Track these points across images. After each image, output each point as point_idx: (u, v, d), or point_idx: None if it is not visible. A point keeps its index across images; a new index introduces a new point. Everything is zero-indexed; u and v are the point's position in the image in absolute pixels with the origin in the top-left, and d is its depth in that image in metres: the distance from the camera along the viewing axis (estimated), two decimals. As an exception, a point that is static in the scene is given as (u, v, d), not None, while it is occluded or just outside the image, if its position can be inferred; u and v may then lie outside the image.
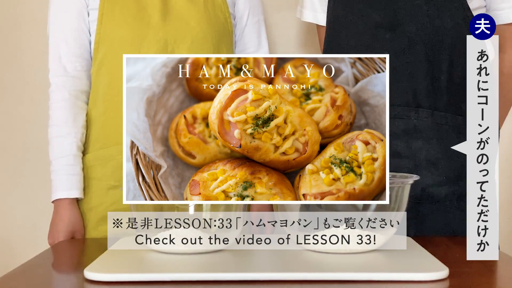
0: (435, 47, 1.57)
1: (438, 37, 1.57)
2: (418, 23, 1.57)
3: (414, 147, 1.56)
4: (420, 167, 1.55)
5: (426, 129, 1.56)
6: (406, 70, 1.57)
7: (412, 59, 1.57)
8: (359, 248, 1.21)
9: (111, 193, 1.61)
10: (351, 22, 1.62)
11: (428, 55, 1.57)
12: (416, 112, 1.57)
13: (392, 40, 1.57)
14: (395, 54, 1.56)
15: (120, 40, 1.60)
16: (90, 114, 1.65)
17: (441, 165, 1.56)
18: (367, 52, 1.58)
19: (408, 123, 1.57)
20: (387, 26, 1.58)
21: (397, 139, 1.56)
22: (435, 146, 1.56)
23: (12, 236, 2.13)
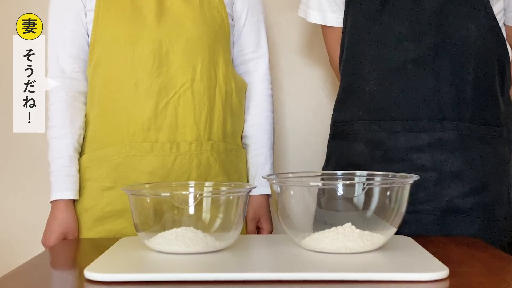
0: (460, 57, 1.54)
1: (463, 48, 1.54)
2: (443, 34, 1.54)
3: (439, 159, 1.53)
4: (445, 179, 1.53)
5: (450, 141, 1.54)
6: (431, 82, 1.54)
7: (436, 70, 1.54)
8: (359, 248, 1.21)
9: (106, 194, 1.61)
10: (372, 32, 1.59)
11: (453, 66, 1.54)
12: (441, 124, 1.54)
13: (416, 51, 1.54)
14: (419, 65, 1.54)
15: (115, 40, 1.60)
16: (87, 115, 1.65)
17: (465, 176, 1.53)
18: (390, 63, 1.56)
19: (433, 136, 1.54)
20: (410, 37, 1.55)
21: (422, 152, 1.54)
22: (459, 158, 1.54)
23: (12, 236, 2.13)
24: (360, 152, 1.59)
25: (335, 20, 1.69)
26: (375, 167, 1.54)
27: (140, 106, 1.59)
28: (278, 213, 1.29)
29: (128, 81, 1.59)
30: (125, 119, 1.60)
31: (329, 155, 1.70)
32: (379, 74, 1.57)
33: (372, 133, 1.58)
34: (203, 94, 1.62)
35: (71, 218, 1.60)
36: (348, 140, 1.63)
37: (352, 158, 1.61)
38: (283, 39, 2.11)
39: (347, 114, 1.64)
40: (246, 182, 1.72)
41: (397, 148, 1.55)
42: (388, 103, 1.56)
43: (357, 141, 1.60)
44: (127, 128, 1.60)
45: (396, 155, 1.55)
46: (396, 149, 1.55)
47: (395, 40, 1.56)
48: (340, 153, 1.66)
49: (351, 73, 1.63)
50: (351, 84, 1.63)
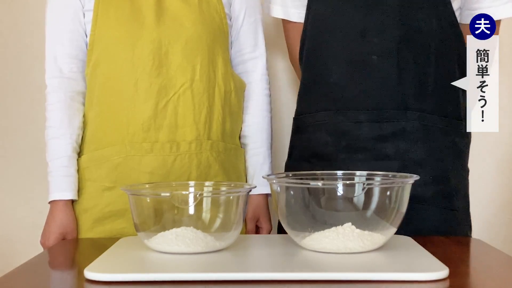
0: (422, 50, 1.59)
1: (425, 41, 1.59)
2: (406, 27, 1.58)
3: (402, 148, 1.58)
4: (407, 168, 1.56)
5: (413, 131, 1.58)
6: (395, 74, 1.58)
7: (400, 62, 1.58)
8: (359, 248, 1.21)
9: (106, 194, 1.61)
10: (335, 25, 1.62)
11: (415, 59, 1.58)
12: (405, 115, 1.58)
13: (380, 44, 1.58)
14: (383, 57, 1.58)
15: (114, 41, 1.60)
16: (86, 116, 1.65)
17: (427, 166, 1.58)
18: (355, 56, 1.59)
19: (396, 126, 1.58)
20: (374, 30, 1.59)
21: (386, 142, 1.58)
22: (421, 147, 1.58)
23: (12, 236, 2.13)
24: (324, 142, 1.63)
25: (297, 15, 1.72)
26: (340, 156, 1.60)
27: (139, 106, 1.59)
28: (278, 213, 1.29)
29: (127, 81, 1.59)
30: (125, 119, 1.60)
31: (291, 149, 1.74)
32: (344, 65, 1.61)
33: (336, 123, 1.61)
34: (203, 94, 1.62)
35: (70, 219, 1.60)
36: (311, 131, 1.66)
37: (316, 149, 1.64)
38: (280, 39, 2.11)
39: (310, 105, 1.68)
40: (245, 182, 1.72)
41: (362, 137, 1.59)
42: (352, 94, 1.60)
43: (321, 132, 1.64)
44: (126, 128, 1.60)
45: (361, 145, 1.59)
46: (361, 138, 1.59)
47: (359, 33, 1.59)
48: (303, 145, 1.69)
49: (315, 65, 1.66)
50: (315, 76, 1.67)
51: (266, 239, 1.47)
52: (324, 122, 1.63)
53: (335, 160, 1.60)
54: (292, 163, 1.72)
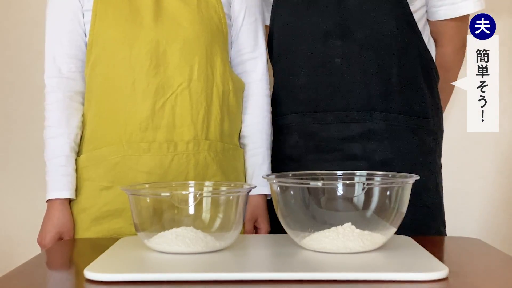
0: (385, 52, 1.62)
1: (387, 42, 1.62)
2: (367, 30, 1.61)
3: (369, 148, 1.61)
4: (375, 167, 1.57)
5: (380, 131, 1.62)
6: (359, 76, 1.62)
7: (364, 64, 1.62)
8: (359, 248, 1.21)
9: (104, 194, 1.61)
10: (300, 29, 1.66)
11: (378, 60, 1.62)
12: (371, 115, 1.62)
13: (343, 47, 1.62)
14: (347, 60, 1.62)
15: (112, 41, 1.60)
16: (85, 115, 1.66)
17: (394, 165, 1.61)
18: (319, 59, 1.63)
19: (363, 126, 1.62)
20: (337, 33, 1.62)
21: (353, 142, 1.62)
22: (388, 147, 1.61)
23: (12, 236, 2.13)
24: (294, 143, 1.68)
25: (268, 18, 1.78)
26: (309, 157, 1.65)
27: (137, 106, 1.59)
28: (278, 213, 1.29)
29: (125, 81, 1.59)
30: (123, 119, 1.60)
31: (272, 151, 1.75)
32: (310, 68, 1.65)
33: (305, 124, 1.66)
34: (200, 94, 1.62)
35: (66, 218, 1.60)
36: (284, 133, 1.71)
37: (287, 151, 1.70)
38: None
39: (281, 108, 1.73)
40: (244, 182, 1.72)
41: (330, 138, 1.63)
42: (319, 96, 1.65)
43: (291, 134, 1.69)
44: (124, 128, 1.60)
45: (329, 145, 1.63)
46: (329, 139, 1.63)
47: (322, 36, 1.63)
48: (277, 147, 1.73)
49: (282, 68, 1.72)
50: (283, 79, 1.72)
51: (266, 239, 1.47)
52: (293, 124, 1.69)
53: (305, 161, 1.65)
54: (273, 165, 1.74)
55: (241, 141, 1.74)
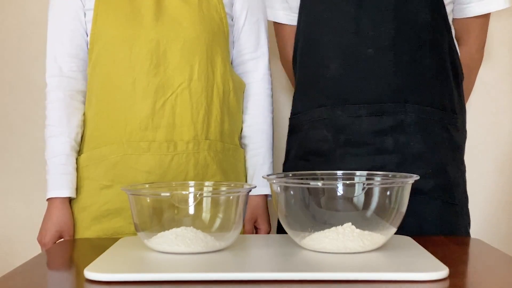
0: (418, 42, 1.58)
1: (420, 34, 1.58)
2: (400, 20, 1.57)
3: (401, 142, 1.57)
4: (407, 161, 1.56)
5: (412, 124, 1.58)
6: (392, 67, 1.58)
7: (396, 55, 1.57)
8: (359, 248, 1.21)
9: (104, 193, 1.61)
10: (331, 20, 1.62)
11: (411, 51, 1.58)
12: (403, 107, 1.58)
13: (375, 38, 1.58)
14: (379, 51, 1.57)
15: (112, 40, 1.60)
16: (86, 114, 1.66)
17: (426, 159, 1.57)
18: (351, 49, 1.59)
19: (395, 119, 1.57)
20: (370, 24, 1.58)
21: (385, 135, 1.57)
22: (420, 140, 1.58)
23: (12, 236, 2.13)
24: (322, 138, 1.62)
25: (285, 17, 1.74)
26: (338, 152, 1.59)
27: (137, 105, 1.59)
28: (278, 213, 1.29)
29: (125, 80, 1.59)
30: (123, 118, 1.60)
31: (289, 150, 1.73)
32: (340, 60, 1.60)
33: (335, 118, 1.61)
34: (201, 94, 1.62)
35: (66, 217, 1.61)
36: (307, 129, 1.66)
37: (313, 146, 1.64)
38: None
39: (307, 103, 1.67)
40: (244, 182, 1.72)
41: (361, 132, 1.58)
42: (350, 88, 1.60)
43: (318, 128, 1.63)
44: (124, 127, 1.60)
45: (360, 139, 1.59)
46: (360, 133, 1.59)
47: (354, 27, 1.59)
48: (298, 144, 1.68)
49: (310, 62, 1.66)
50: (310, 73, 1.66)
51: (266, 239, 1.47)
52: (321, 118, 1.63)
53: (333, 156, 1.60)
54: (288, 164, 1.71)
55: (242, 141, 1.74)
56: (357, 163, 1.55)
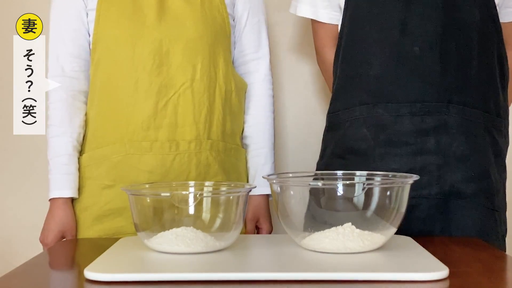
0: (465, 42, 1.54)
1: (468, 33, 1.54)
2: (448, 18, 1.54)
3: (444, 143, 1.53)
4: (449, 163, 1.52)
5: (456, 125, 1.53)
6: (437, 66, 1.53)
7: (443, 54, 1.53)
8: (359, 248, 1.21)
9: (105, 192, 1.61)
10: (377, 16, 1.58)
11: (458, 50, 1.54)
12: (447, 108, 1.53)
13: (422, 35, 1.54)
14: (425, 49, 1.53)
15: (115, 40, 1.60)
16: (88, 114, 1.66)
17: (469, 162, 1.53)
18: (396, 47, 1.55)
19: (438, 119, 1.53)
20: (417, 21, 1.54)
21: (427, 136, 1.53)
22: (464, 142, 1.53)
23: (12, 236, 2.13)
24: (362, 136, 1.57)
25: (326, 15, 1.69)
26: (377, 151, 1.55)
27: (140, 105, 1.59)
28: (278, 213, 1.29)
29: (128, 80, 1.59)
30: (125, 118, 1.60)
31: (325, 147, 1.68)
32: (385, 57, 1.56)
33: (375, 116, 1.56)
34: (203, 94, 1.62)
35: (69, 217, 1.61)
36: (346, 127, 1.61)
37: (352, 144, 1.59)
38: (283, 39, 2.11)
39: (347, 100, 1.62)
40: (245, 182, 1.72)
41: (402, 131, 1.54)
42: (394, 86, 1.55)
43: (357, 126, 1.58)
44: (126, 127, 1.60)
45: (401, 139, 1.54)
46: (401, 132, 1.54)
47: (400, 24, 1.55)
48: (335, 142, 1.64)
49: (353, 59, 1.61)
50: (353, 70, 1.61)
51: (266, 239, 1.47)
52: (361, 116, 1.58)
53: (372, 155, 1.56)
54: (324, 162, 1.66)
55: (244, 141, 1.74)
56: (397, 163, 1.52)
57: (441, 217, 1.51)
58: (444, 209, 1.52)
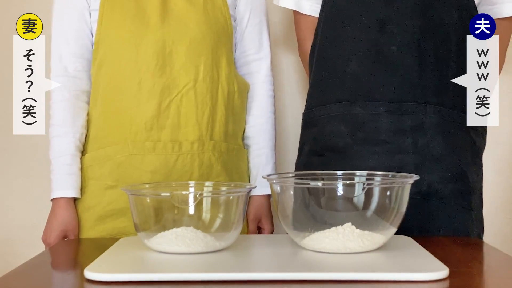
0: (443, 43, 1.55)
1: (446, 33, 1.55)
2: (427, 18, 1.54)
3: (421, 143, 1.54)
4: (426, 163, 1.53)
5: (433, 126, 1.54)
6: (415, 66, 1.54)
7: (421, 54, 1.54)
8: (359, 248, 1.21)
9: (108, 193, 1.61)
10: (356, 13, 1.58)
11: (436, 51, 1.55)
12: (424, 108, 1.54)
13: (400, 35, 1.54)
14: (403, 49, 1.54)
15: (118, 41, 1.61)
16: (90, 114, 1.66)
17: (446, 162, 1.54)
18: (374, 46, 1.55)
19: (416, 119, 1.54)
20: (395, 20, 1.55)
21: (404, 135, 1.54)
22: (441, 143, 1.54)
23: (12, 236, 2.13)
24: (339, 133, 1.58)
25: (309, 7, 1.69)
26: (356, 148, 1.56)
27: (143, 105, 1.59)
28: (278, 213, 1.29)
29: (131, 81, 1.60)
30: (128, 118, 1.60)
31: (302, 145, 1.69)
32: (362, 55, 1.57)
33: (353, 114, 1.57)
34: (206, 95, 1.62)
35: (71, 217, 1.61)
36: (323, 124, 1.61)
37: (330, 141, 1.60)
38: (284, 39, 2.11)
39: (324, 97, 1.63)
40: (247, 182, 1.72)
41: (380, 130, 1.55)
42: (371, 85, 1.56)
43: (335, 123, 1.59)
44: (129, 127, 1.60)
45: (379, 137, 1.55)
46: (379, 131, 1.55)
47: (379, 22, 1.56)
48: (313, 139, 1.64)
49: (330, 55, 1.62)
50: (330, 66, 1.62)
51: (266, 239, 1.47)
52: (339, 113, 1.58)
53: (350, 153, 1.56)
54: (302, 160, 1.67)
55: (245, 142, 1.75)
56: (375, 161, 1.53)
57: (419, 217, 1.51)
58: (421, 209, 1.53)
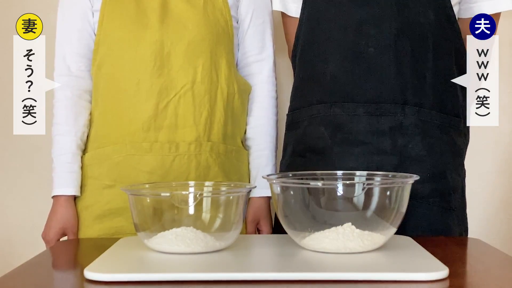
0: (420, 43, 1.56)
1: (423, 34, 1.56)
2: (403, 19, 1.55)
3: (400, 144, 1.55)
4: (405, 164, 1.54)
5: (411, 126, 1.55)
6: (392, 67, 1.55)
7: (398, 55, 1.55)
8: (359, 248, 1.21)
9: (106, 192, 1.62)
10: (334, 16, 1.59)
11: (413, 52, 1.55)
12: (403, 109, 1.55)
13: (377, 36, 1.55)
14: (380, 50, 1.55)
15: (118, 41, 1.61)
16: (92, 114, 1.67)
17: (425, 162, 1.55)
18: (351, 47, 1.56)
19: (394, 120, 1.55)
20: (371, 21, 1.56)
21: (383, 136, 1.55)
22: (419, 143, 1.55)
23: (12, 236, 2.13)
24: (319, 135, 1.59)
25: (295, 10, 1.70)
26: (335, 149, 1.57)
27: (141, 106, 1.60)
28: (278, 213, 1.29)
29: (130, 81, 1.60)
30: (126, 118, 1.61)
31: (286, 146, 1.70)
32: (341, 57, 1.58)
33: (333, 115, 1.58)
34: (204, 96, 1.62)
35: (70, 214, 1.61)
36: (305, 125, 1.63)
37: (310, 142, 1.61)
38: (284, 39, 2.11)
39: (305, 99, 1.64)
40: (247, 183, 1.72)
41: (359, 131, 1.56)
42: (350, 86, 1.57)
43: (315, 125, 1.60)
44: (128, 128, 1.61)
45: (358, 138, 1.56)
46: (358, 132, 1.56)
47: (356, 24, 1.56)
48: (295, 140, 1.66)
49: (310, 57, 1.63)
50: (310, 68, 1.63)
51: (266, 239, 1.47)
52: (319, 115, 1.60)
53: (330, 154, 1.57)
54: (286, 160, 1.68)
55: (246, 143, 1.75)
56: (354, 162, 1.54)
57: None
58: None
